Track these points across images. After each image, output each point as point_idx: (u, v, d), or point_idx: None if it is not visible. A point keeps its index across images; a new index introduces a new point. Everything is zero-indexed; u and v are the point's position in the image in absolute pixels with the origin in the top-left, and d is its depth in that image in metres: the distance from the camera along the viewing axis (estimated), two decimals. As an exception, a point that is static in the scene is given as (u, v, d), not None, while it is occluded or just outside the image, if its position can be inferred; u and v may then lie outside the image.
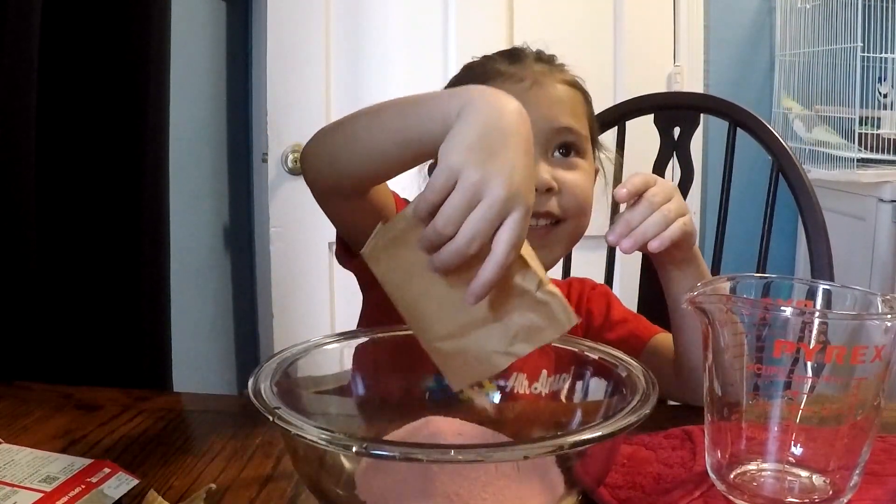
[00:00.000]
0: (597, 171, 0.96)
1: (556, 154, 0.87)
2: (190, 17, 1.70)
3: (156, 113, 1.15)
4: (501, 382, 0.70)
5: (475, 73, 0.91)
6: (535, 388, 0.69)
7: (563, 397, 0.67)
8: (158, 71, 1.14)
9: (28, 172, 0.98)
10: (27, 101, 0.96)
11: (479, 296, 0.56)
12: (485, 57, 0.94)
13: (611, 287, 1.30)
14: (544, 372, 0.69)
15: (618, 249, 0.73)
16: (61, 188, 1.06)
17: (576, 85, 0.92)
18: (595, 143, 0.95)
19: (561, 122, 0.87)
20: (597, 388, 0.63)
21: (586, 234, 0.92)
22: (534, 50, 0.94)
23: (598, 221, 1.32)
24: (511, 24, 2.06)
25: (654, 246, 0.72)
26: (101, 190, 1.09)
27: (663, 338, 0.92)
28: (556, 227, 0.87)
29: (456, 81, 0.92)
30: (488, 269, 0.55)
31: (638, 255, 1.28)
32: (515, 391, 0.70)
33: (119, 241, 1.11)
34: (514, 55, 0.92)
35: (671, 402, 0.89)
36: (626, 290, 1.40)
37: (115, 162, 1.10)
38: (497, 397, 0.70)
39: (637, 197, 0.74)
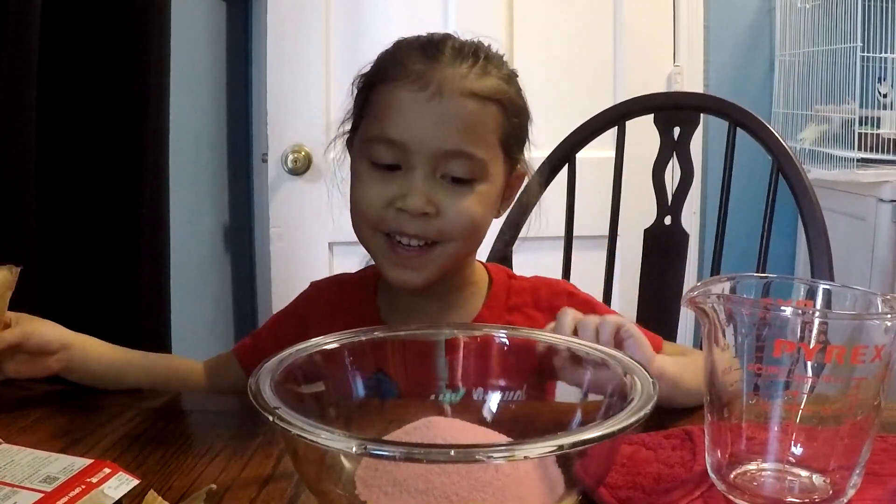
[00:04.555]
0: (523, 176, 0.92)
1: (445, 180, 0.82)
2: (190, 17, 1.70)
3: (156, 113, 1.15)
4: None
5: (384, 65, 0.85)
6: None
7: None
8: (158, 71, 1.14)
9: (28, 172, 0.98)
10: (27, 102, 0.96)
11: None
12: (400, 43, 0.86)
13: (610, 287, 1.29)
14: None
15: (618, 251, 0.73)
16: (61, 188, 1.06)
17: (492, 96, 0.83)
18: (514, 151, 0.88)
19: (451, 146, 0.81)
20: (597, 387, 0.63)
21: (587, 234, 0.90)
22: (459, 41, 0.86)
23: (596, 220, 1.34)
24: (511, 25, 2.06)
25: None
26: (101, 190, 1.09)
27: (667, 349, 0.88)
28: (430, 248, 0.83)
29: (364, 75, 0.87)
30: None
31: (638, 254, 1.30)
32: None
33: (119, 241, 1.11)
34: (431, 47, 0.84)
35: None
36: (626, 290, 1.40)
37: (116, 162, 1.10)
38: (495, 399, 0.70)
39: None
